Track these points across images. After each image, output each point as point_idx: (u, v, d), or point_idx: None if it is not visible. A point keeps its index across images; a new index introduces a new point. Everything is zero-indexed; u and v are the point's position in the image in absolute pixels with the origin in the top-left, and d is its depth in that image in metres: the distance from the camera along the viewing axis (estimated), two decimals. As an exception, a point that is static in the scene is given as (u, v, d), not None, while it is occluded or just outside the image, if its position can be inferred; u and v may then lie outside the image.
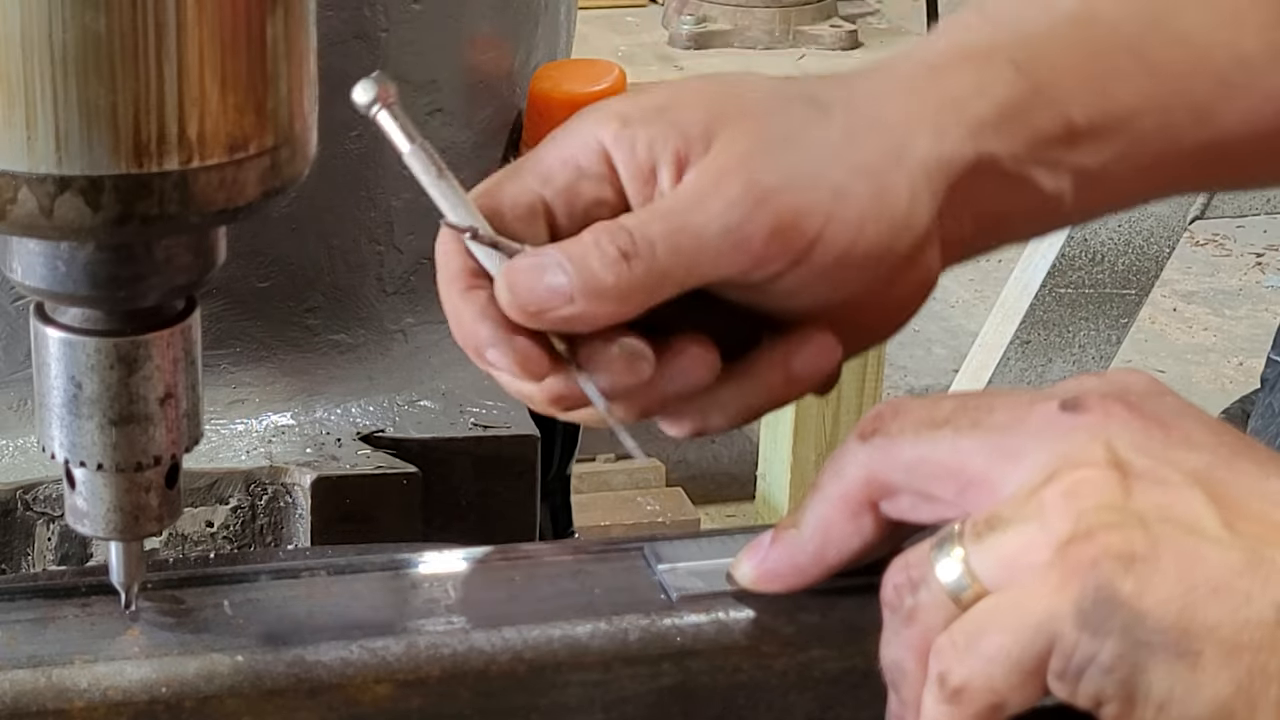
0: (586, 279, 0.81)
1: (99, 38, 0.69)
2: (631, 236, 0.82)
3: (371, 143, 1.14)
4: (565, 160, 0.86)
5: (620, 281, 0.82)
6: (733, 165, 0.83)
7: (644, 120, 0.85)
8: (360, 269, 1.16)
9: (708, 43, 3.39)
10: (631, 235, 0.82)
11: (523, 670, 0.79)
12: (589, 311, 0.82)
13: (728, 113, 0.85)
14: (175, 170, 0.72)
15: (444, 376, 1.18)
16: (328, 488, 1.10)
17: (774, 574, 0.82)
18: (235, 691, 0.77)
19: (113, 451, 0.77)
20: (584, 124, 0.87)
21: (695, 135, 0.84)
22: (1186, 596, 0.67)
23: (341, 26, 1.11)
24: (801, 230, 0.83)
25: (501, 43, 1.19)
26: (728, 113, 0.85)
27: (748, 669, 0.81)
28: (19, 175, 0.71)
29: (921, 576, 0.73)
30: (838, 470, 0.79)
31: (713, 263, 0.83)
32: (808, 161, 0.84)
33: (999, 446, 0.75)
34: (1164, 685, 0.67)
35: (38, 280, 0.76)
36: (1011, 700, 0.70)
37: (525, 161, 0.87)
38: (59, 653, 0.77)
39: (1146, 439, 0.72)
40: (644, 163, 0.85)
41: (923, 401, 0.78)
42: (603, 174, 0.86)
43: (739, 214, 0.82)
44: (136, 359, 0.77)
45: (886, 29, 3.48)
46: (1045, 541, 0.70)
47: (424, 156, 0.85)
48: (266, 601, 0.82)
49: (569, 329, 0.83)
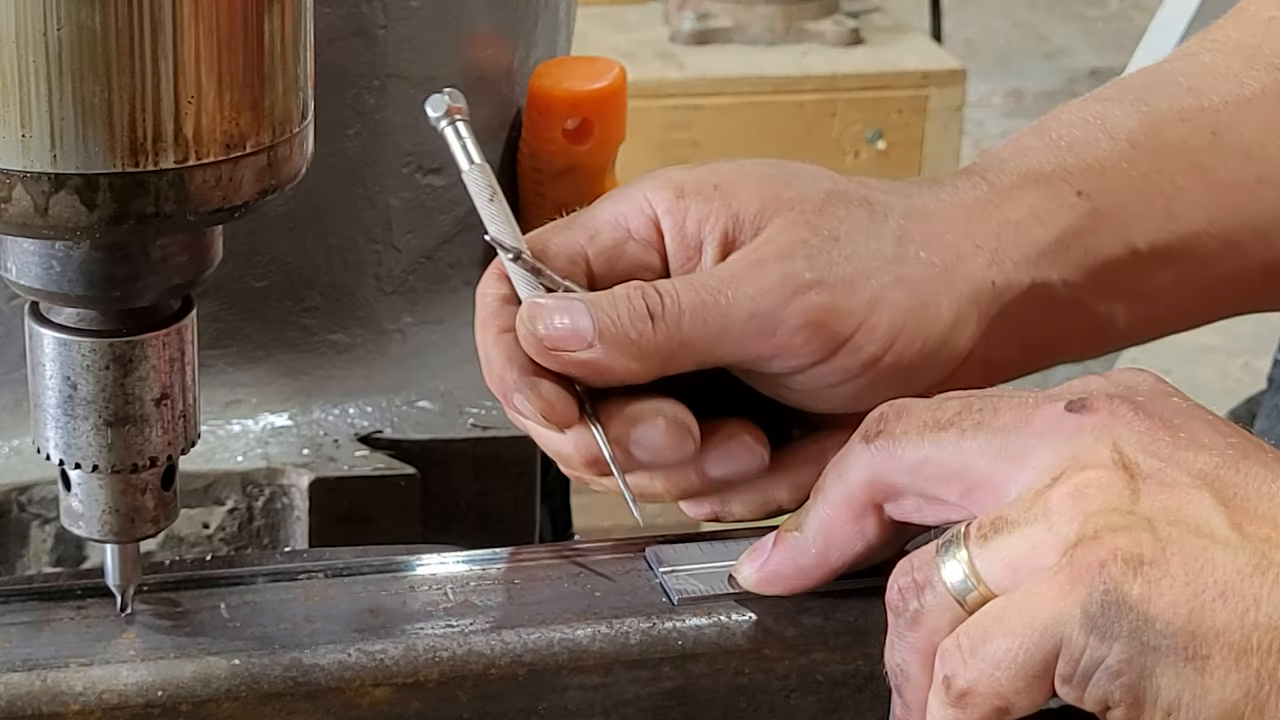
0: (609, 328, 0.82)
1: (94, 35, 0.69)
2: (662, 300, 0.83)
3: (370, 141, 1.13)
4: (616, 220, 0.87)
5: (642, 340, 0.83)
6: (774, 253, 0.84)
7: (698, 195, 0.87)
8: (358, 268, 1.15)
9: (709, 40, 3.39)
10: (662, 299, 0.83)
11: (522, 673, 0.79)
12: (604, 361, 0.83)
13: (782, 201, 0.86)
14: (171, 169, 0.71)
15: (443, 377, 1.17)
16: (325, 489, 1.09)
17: (776, 576, 0.81)
18: (232, 695, 0.77)
19: (108, 453, 0.77)
20: (640, 187, 0.88)
21: (746, 219, 0.86)
22: (1195, 600, 0.67)
23: (339, 23, 1.11)
24: (832, 330, 0.84)
25: (501, 40, 1.19)
26: (782, 201, 0.86)
27: (749, 672, 0.81)
28: (13, 173, 0.70)
29: (926, 580, 0.72)
30: (841, 472, 0.79)
31: (737, 344, 0.84)
32: (852, 264, 0.85)
33: (1004, 448, 0.74)
34: (1172, 689, 0.67)
35: (32, 280, 0.75)
36: (1018, 704, 0.70)
37: (578, 216, 0.89)
38: (54, 656, 0.77)
39: (1154, 440, 0.71)
40: (691, 237, 0.86)
41: (927, 403, 0.78)
42: (650, 240, 0.87)
43: (770, 301, 0.83)
44: (132, 359, 0.76)
45: (889, 26, 3.48)
46: (1052, 544, 0.69)
47: (481, 177, 0.88)
48: (263, 604, 0.82)
49: (581, 375, 0.84)
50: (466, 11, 1.16)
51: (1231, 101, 0.94)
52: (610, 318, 0.83)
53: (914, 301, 0.85)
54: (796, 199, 0.86)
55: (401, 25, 1.13)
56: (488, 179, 0.88)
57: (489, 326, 0.86)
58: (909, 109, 3.30)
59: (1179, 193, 0.91)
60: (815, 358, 0.85)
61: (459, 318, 1.17)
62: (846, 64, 3.32)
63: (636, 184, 0.89)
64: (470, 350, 0.89)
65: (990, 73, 5.61)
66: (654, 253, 0.88)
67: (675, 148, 3.21)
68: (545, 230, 0.89)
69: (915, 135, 3.30)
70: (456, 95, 0.89)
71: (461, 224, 1.16)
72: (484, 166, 0.88)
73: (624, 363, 0.83)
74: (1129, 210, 0.90)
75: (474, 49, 1.17)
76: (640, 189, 0.88)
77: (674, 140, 3.21)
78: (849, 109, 3.28)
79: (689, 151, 3.23)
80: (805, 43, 3.38)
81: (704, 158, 3.34)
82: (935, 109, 3.31)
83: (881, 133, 3.28)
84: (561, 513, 1.30)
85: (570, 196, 1.20)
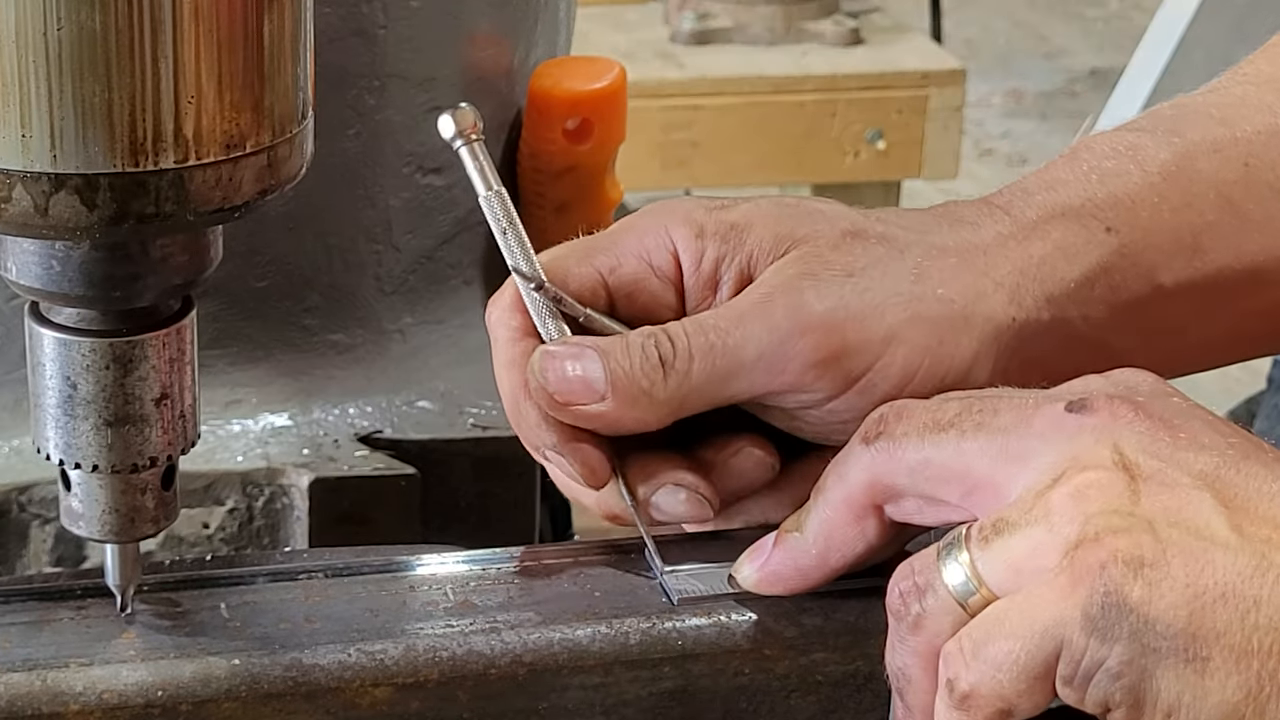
0: (622, 378, 0.83)
1: (94, 35, 0.69)
2: (673, 345, 0.83)
3: (370, 141, 1.13)
4: (639, 255, 0.88)
5: (654, 389, 0.83)
6: (782, 287, 0.84)
7: (716, 235, 0.87)
8: (358, 268, 1.15)
9: (709, 40, 3.38)
10: (673, 344, 0.83)
11: (522, 673, 0.79)
12: (615, 415, 0.83)
13: (797, 236, 0.86)
14: (171, 169, 0.71)
15: (443, 377, 1.17)
16: (325, 489, 1.09)
17: (776, 577, 0.81)
18: (232, 695, 0.77)
19: (108, 453, 0.77)
20: (663, 220, 0.88)
21: (760, 257, 0.86)
22: (1195, 602, 0.67)
23: (339, 23, 1.10)
24: (844, 367, 0.84)
25: (501, 40, 1.19)
26: (797, 236, 0.86)
27: (749, 672, 0.81)
28: (13, 173, 0.70)
29: (928, 582, 0.72)
30: (841, 474, 0.79)
31: (746, 384, 0.84)
32: (867, 298, 0.84)
33: (1004, 448, 0.74)
34: (1172, 691, 0.67)
35: (33, 280, 0.75)
36: (1020, 706, 0.70)
37: (596, 242, 0.89)
38: (54, 656, 0.77)
39: (1154, 440, 0.71)
40: (707, 276, 0.87)
41: (927, 404, 0.78)
42: (670, 276, 0.87)
43: (777, 338, 0.83)
44: (132, 359, 0.76)
45: (889, 26, 3.47)
46: (1053, 545, 0.69)
47: (498, 204, 0.86)
48: (263, 604, 0.81)
49: (593, 427, 0.84)
50: (466, 11, 1.16)
51: (1264, 133, 0.93)
52: (623, 367, 0.83)
53: (931, 340, 0.84)
54: (811, 235, 0.86)
55: (401, 25, 1.13)
56: (505, 206, 0.86)
57: (513, 369, 0.86)
58: (909, 109, 3.29)
59: (1208, 227, 0.90)
60: (828, 394, 0.84)
61: (459, 318, 1.17)
62: (846, 64, 3.31)
63: (660, 215, 0.89)
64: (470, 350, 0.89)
65: (990, 73, 5.61)
66: (672, 289, 0.88)
67: (675, 148, 3.21)
68: (563, 255, 0.88)
69: (915, 135, 3.30)
70: (470, 114, 0.86)
71: (461, 224, 1.16)
72: (501, 193, 0.87)
73: (635, 415, 0.84)
74: (1157, 247, 0.89)
75: (474, 49, 1.17)
76: (663, 222, 0.88)
77: (674, 140, 3.21)
78: (849, 109, 3.28)
79: (689, 151, 3.22)
80: (805, 43, 3.37)
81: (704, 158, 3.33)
82: (935, 109, 3.30)
83: (881, 133, 3.28)
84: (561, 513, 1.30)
85: (570, 196, 1.20)
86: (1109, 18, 6.24)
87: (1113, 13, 6.28)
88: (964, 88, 3.35)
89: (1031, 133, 5.30)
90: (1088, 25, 6.18)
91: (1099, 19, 6.24)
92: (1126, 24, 6.02)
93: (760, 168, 3.27)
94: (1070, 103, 5.50)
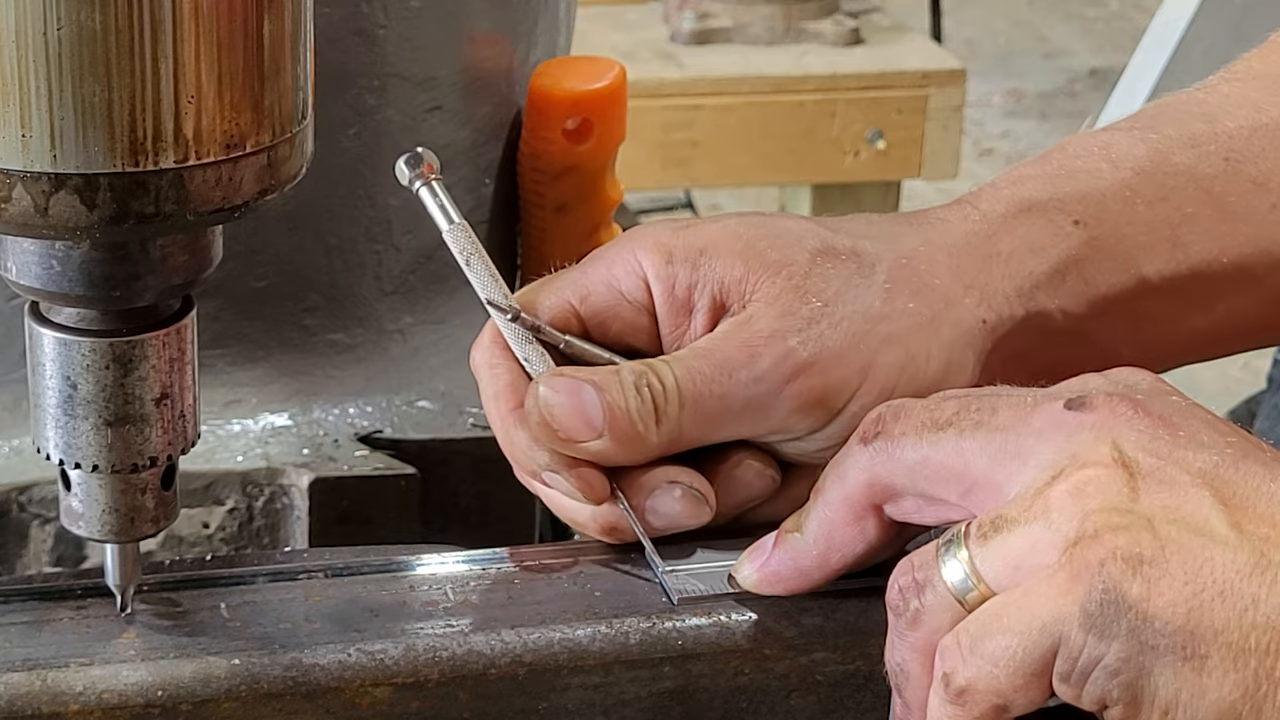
0: (619, 418, 0.84)
1: (94, 34, 0.69)
2: (665, 392, 0.84)
3: (370, 141, 1.13)
4: (609, 284, 0.88)
5: (647, 434, 0.84)
6: (766, 334, 0.85)
7: (685, 261, 0.87)
8: (358, 268, 1.15)
9: (709, 39, 3.38)
10: (664, 390, 0.84)
11: (522, 673, 0.79)
12: (609, 454, 0.84)
13: (768, 264, 0.87)
14: (171, 168, 0.71)
15: (442, 377, 1.17)
16: (325, 489, 1.09)
17: (776, 577, 0.81)
18: (232, 695, 0.77)
19: (108, 452, 0.77)
20: (631, 248, 0.88)
21: (731, 285, 0.86)
22: (1194, 599, 0.67)
23: (339, 23, 1.10)
24: (826, 405, 0.85)
25: (500, 39, 1.19)
26: (768, 264, 0.87)
27: (749, 672, 0.81)
28: (13, 173, 0.70)
29: (927, 579, 0.72)
30: (840, 474, 0.79)
31: (734, 429, 0.86)
32: (843, 329, 0.85)
33: (1003, 447, 0.74)
34: (1170, 688, 0.67)
35: (33, 279, 0.75)
36: (1016, 702, 0.70)
37: (564, 275, 0.90)
38: (54, 655, 0.77)
39: (1153, 438, 0.71)
40: (680, 302, 0.87)
41: (925, 403, 0.78)
42: (642, 303, 0.88)
43: (764, 389, 0.85)
44: (132, 359, 0.76)
45: (889, 26, 3.47)
46: (1051, 542, 0.69)
47: (463, 236, 0.88)
48: (263, 604, 0.82)
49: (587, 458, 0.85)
50: (466, 11, 1.16)
51: (1247, 128, 0.93)
52: (619, 406, 0.84)
53: (904, 358, 0.86)
54: (783, 261, 0.87)
55: (401, 25, 1.13)
56: (469, 237, 0.88)
57: (502, 399, 0.87)
58: (909, 109, 3.29)
59: (1186, 220, 0.91)
60: (811, 429, 0.86)
61: (459, 318, 1.17)
62: (846, 64, 3.31)
63: (627, 244, 0.89)
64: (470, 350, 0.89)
65: (990, 73, 5.61)
66: (645, 314, 0.88)
67: (675, 148, 3.21)
68: (533, 289, 0.89)
69: (915, 135, 3.30)
70: (426, 155, 0.89)
71: (461, 224, 1.16)
72: (464, 225, 0.88)
73: (627, 455, 0.85)
74: (1132, 239, 0.90)
75: (474, 49, 1.17)
76: (631, 250, 0.89)
77: (674, 140, 3.20)
78: (849, 109, 3.27)
79: (689, 151, 3.22)
80: (805, 43, 3.37)
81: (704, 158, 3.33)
82: (935, 109, 3.30)
83: (881, 133, 3.28)
84: (561, 513, 1.30)
85: (570, 197, 1.20)
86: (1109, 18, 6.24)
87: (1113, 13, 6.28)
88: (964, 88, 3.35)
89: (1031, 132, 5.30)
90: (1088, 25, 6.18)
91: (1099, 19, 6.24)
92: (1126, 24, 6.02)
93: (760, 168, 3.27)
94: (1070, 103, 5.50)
